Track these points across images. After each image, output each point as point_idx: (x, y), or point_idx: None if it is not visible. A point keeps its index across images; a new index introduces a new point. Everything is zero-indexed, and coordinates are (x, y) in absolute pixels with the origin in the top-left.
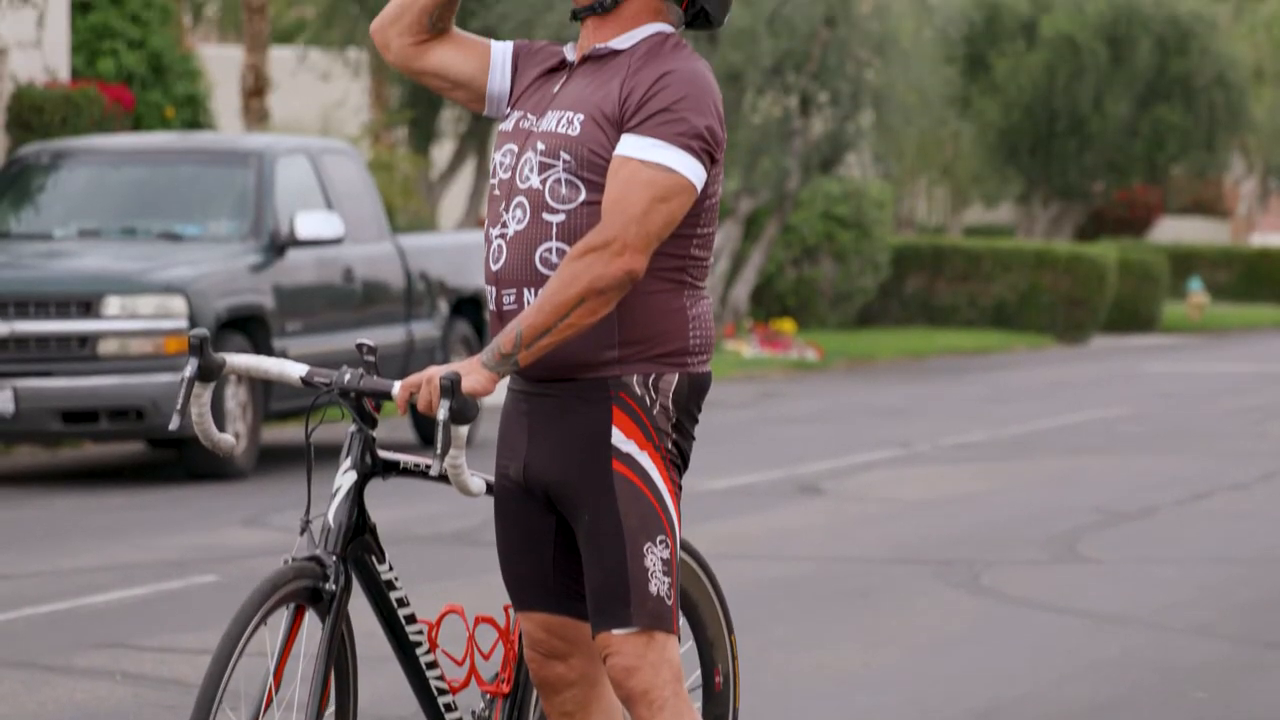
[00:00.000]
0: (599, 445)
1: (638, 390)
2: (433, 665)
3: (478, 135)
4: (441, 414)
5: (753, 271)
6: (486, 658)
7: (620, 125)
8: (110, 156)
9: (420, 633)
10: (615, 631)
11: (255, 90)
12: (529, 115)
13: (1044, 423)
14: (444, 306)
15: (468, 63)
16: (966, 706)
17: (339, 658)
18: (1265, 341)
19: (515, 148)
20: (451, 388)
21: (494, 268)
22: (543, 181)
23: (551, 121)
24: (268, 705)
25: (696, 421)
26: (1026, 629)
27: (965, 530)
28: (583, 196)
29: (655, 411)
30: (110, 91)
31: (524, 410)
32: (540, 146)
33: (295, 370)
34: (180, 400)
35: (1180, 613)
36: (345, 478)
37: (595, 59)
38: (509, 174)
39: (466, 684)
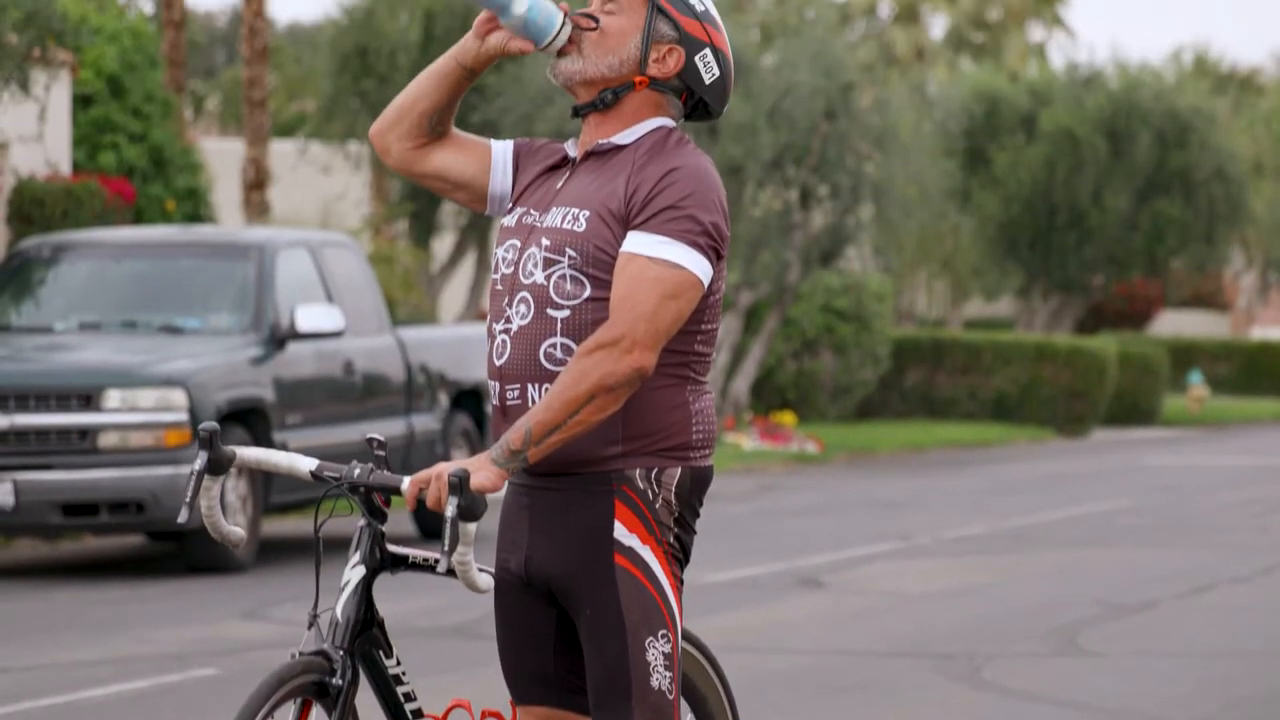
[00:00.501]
0: (601, 539)
1: (640, 484)
2: None
3: (478, 228)
4: (450, 511)
5: (753, 364)
6: None
7: (626, 222)
8: (111, 250)
9: None
10: None
11: (256, 183)
12: (532, 211)
13: (1044, 515)
14: (444, 399)
15: (468, 164)
16: None
17: None
18: (1265, 435)
19: (518, 243)
20: (460, 485)
21: (498, 363)
22: (547, 277)
23: (556, 218)
24: None
25: (698, 515)
26: None
27: (965, 623)
28: (588, 292)
29: (658, 505)
30: (111, 185)
31: (525, 503)
32: (545, 242)
33: (305, 464)
34: (189, 493)
35: (1181, 706)
36: (354, 572)
37: (598, 155)
38: (512, 269)
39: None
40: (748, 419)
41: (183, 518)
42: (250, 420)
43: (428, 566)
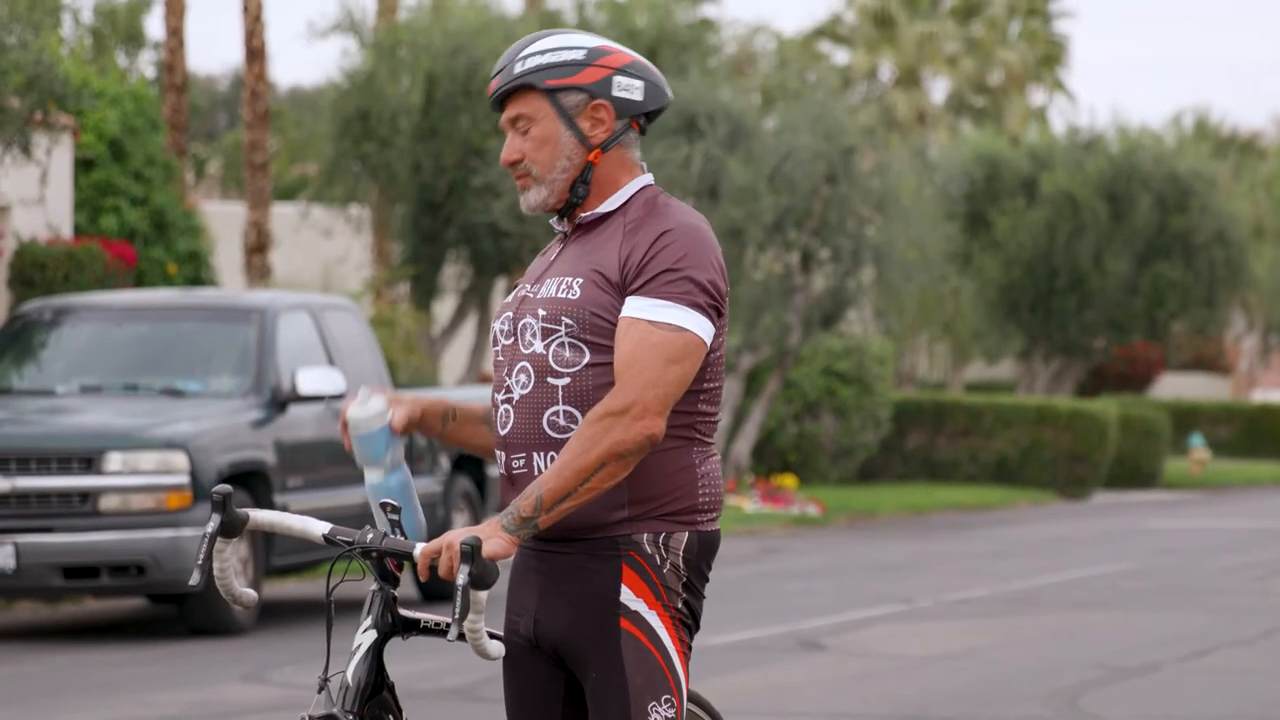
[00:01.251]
0: (607, 603)
1: (648, 549)
2: None
3: (479, 291)
4: (461, 579)
5: (754, 427)
6: None
7: (623, 287)
8: (112, 313)
9: None
10: None
11: (257, 246)
12: (526, 286)
13: (1046, 578)
14: (445, 462)
15: None
16: None
17: None
18: (1266, 498)
19: (512, 314)
20: (472, 553)
21: (502, 432)
22: (546, 346)
23: (551, 288)
24: None
25: (707, 580)
26: None
27: (967, 686)
28: (587, 359)
29: (665, 570)
30: (113, 248)
31: (534, 566)
32: (541, 313)
33: (318, 528)
34: (201, 556)
35: None
36: (365, 636)
37: (586, 226)
38: (510, 340)
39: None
40: (749, 481)
41: (194, 580)
42: (251, 483)
43: (440, 631)
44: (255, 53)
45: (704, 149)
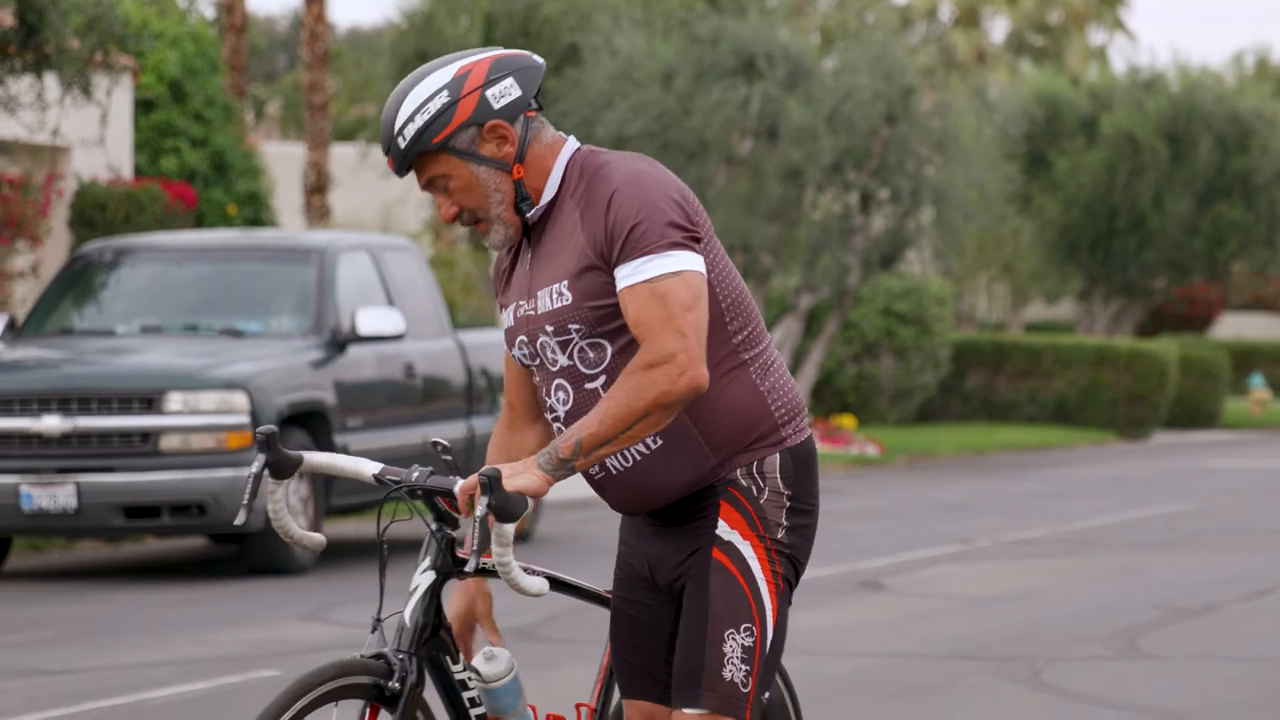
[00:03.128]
0: (704, 535)
1: (743, 481)
2: None
3: None
4: (479, 510)
5: (813, 368)
6: None
7: (608, 263)
8: (173, 254)
9: None
10: (686, 710)
11: (317, 187)
12: (522, 303)
13: (1105, 519)
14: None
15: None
16: None
17: None
18: None
19: (526, 337)
20: (490, 485)
21: None
22: (569, 356)
23: (545, 301)
24: None
25: (815, 492)
26: None
27: (1026, 626)
28: (610, 351)
29: (764, 500)
30: (173, 189)
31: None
32: (549, 328)
33: (369, 468)
34: (247, 495)
35: (1243, 710)
36: (424, 577)
37: (540, 223)
38: (536, 361)
39: None
40: (809, 422)
41: (240, 519)
42: (311, 423)
43: (493, 572)
44: None
45: (762, 89)
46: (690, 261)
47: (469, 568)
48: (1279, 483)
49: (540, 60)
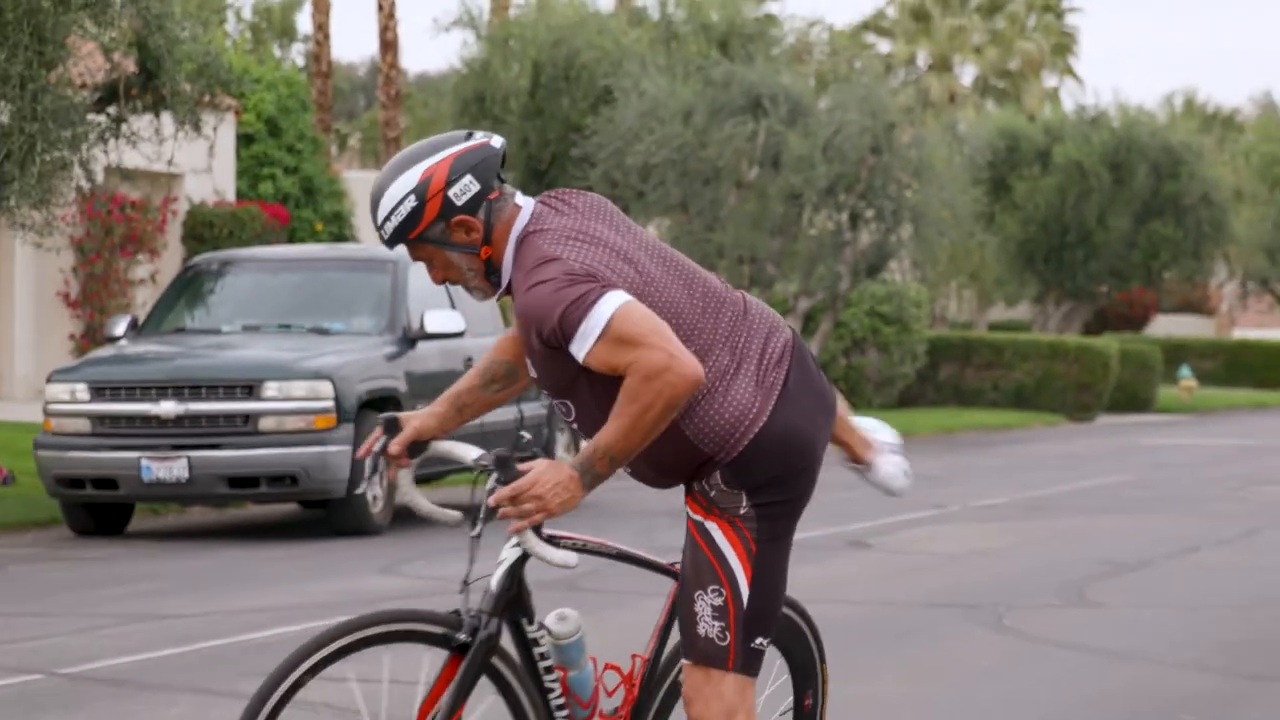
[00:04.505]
0: (688, 517)
1: (695, 485)
2: (561, 707)
3: None
4: (488, 484)
5: None
6: (610, 695)
7: (563, 347)
8: (269, 264)
9: (555, 680)
10: (684, 662)
11: None
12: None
13: (1057, 488)
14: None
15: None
16: None
17: (507, 692)
18: (1245, 420)
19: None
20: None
21: (584, 435)
22: (558, 400)
23: (530, 368)
24: None
25: (778, 466)
26: (1043, 664)
27: (990, 579)
28: (574, 410)
29: (715, 495)
30: (269, 210)
31: None
32: (535, 381)
33: (471, 453)
34: (368, 470)
35: (1174, 650)
36: (511, 552)
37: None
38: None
39: (591, 718)
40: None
41: (361, 489)
42: (385, 408)
43: (576, 548)
44: (389, 44)
45: (767, 125)
46: (613, 300)
47: (473, 532)
48: (1205, 458)
49: (498, 144)
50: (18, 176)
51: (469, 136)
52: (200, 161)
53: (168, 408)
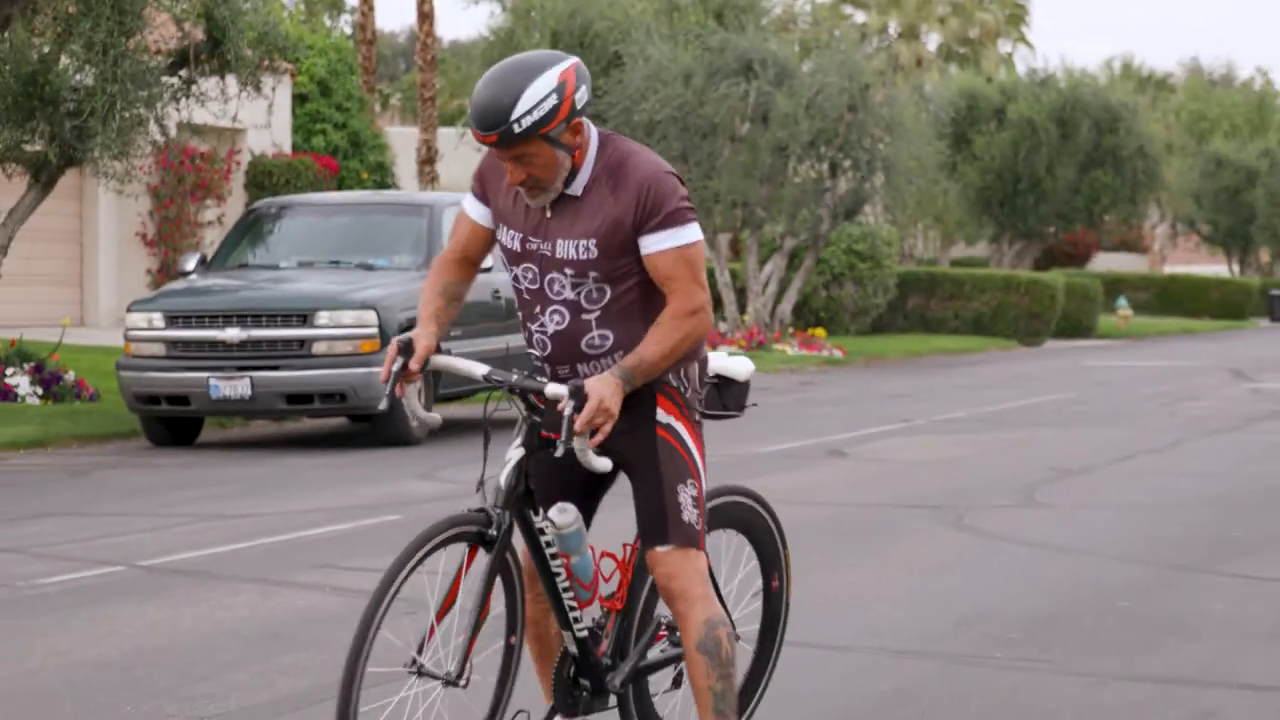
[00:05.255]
0: (648, 420)
1: (673, 382)
2: (567, 589)
3: None
4: (567, 411)
5: (794, 292)
6: (607, 580)
7: (635, 230)
8: (322, 208)
9: (560, 565)
10: (658, 549)
11: (427, 160)
12: (532, 239)
13: (1011, 404)
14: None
15: (484, 241)
16: (952, 614)
17: (507, 578)
18: (1175, 345)
19: (534, 268)
20: (578, 393)
21: (541, 354)
22: (576, 292)
23: (567, 249)
24: (442, 615)
25: (705, 381)
26: (997, 557)
27: (952, 483)
28: (609, 294)
29: (688, 395)
30: (321, 161)
31: None
32: (569, 271)
33: (479, 370)
34: (388, 386)
35: (1111, 545)
36: (516, 451)
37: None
38: (536, 286)
39: (591, 602)
40: (790, 332)
41: (383, 405)
42: None
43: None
44: (425, 15)
45: (757, 86)
46: (699, 233)
47: (558, 453)
48: (1139, 377)
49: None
50: (100, 131)
51: (564, 54)
52: (260, 118)
53: (233, 334)
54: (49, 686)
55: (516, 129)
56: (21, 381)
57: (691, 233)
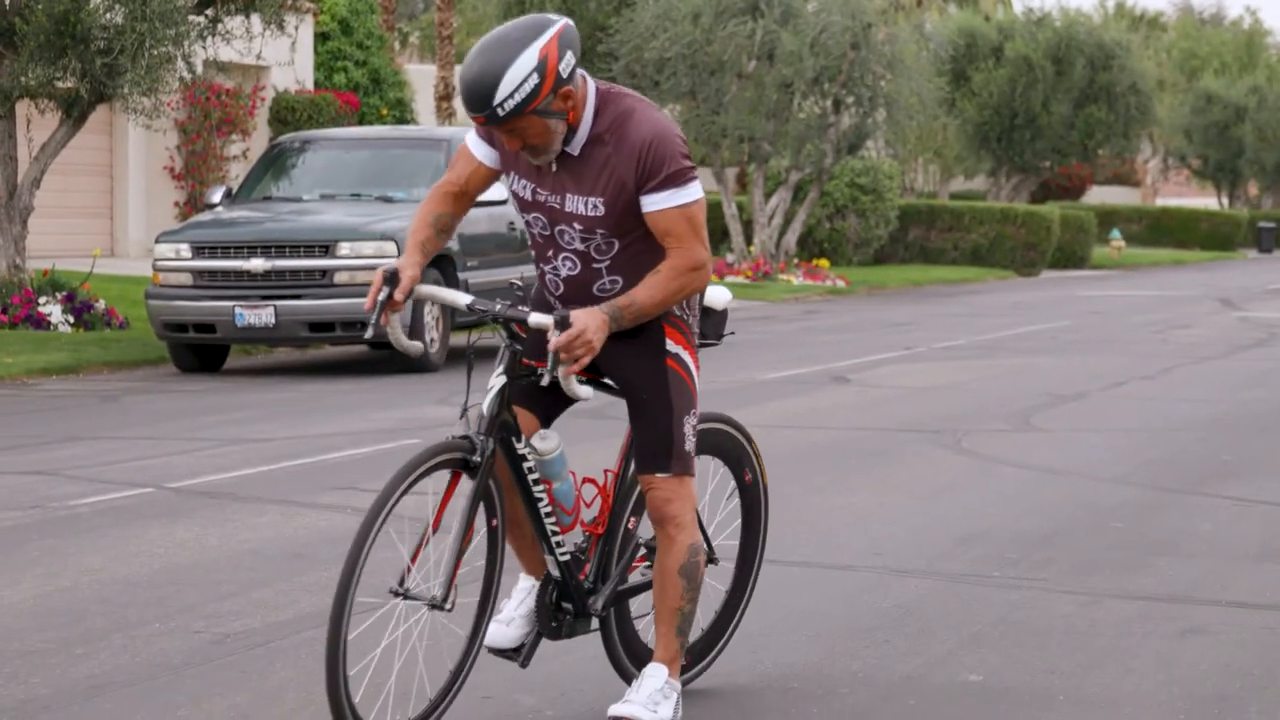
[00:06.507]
0: (653, 348)
1: (678, 311)
2: (550, 514)
3: None
4: (553, 342)
5: (799, 224)
6: (589, 506)
7: (637, 190)
8: (343, 143)
9: (542, 490)
10: (657, 475)
11: (444, 96)
12: (541, 191)
13: (1008, 331)
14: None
15: (486, 177)
16: (952, 535)
17: (489, 504)
18: (1165, 275)
19: (544, 219)
20: (563, 322)
21: (555, 293)
22: (585, 244)
23: (576, 205)
24: (425, 542)
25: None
26: (994, 479)
27: (951, 408)
28: (618, 246)
29: (690, 320)
30: (342, 97)
31: None
32: (578, 226)
33: (463, 299)
34: (375, 315)
35: (1104, 467)
36: (498, 379)
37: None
38: (547, 233)
39: (573, 527)
40: (795, 263)
41: (369, 334)
42: (441, 264)
43: (540, 377)
44: None
45: (764, 25)
46: (700, 191)
47: (543, 382)
48: (1131, 306)
49: (571, 24)
50: (130, 69)
51: (549, 20)
52: (284, 56)
53: (257, 264)
54: (81, 603)
55: (500, 112)
56: (54, 310)
57: (692, 191)
